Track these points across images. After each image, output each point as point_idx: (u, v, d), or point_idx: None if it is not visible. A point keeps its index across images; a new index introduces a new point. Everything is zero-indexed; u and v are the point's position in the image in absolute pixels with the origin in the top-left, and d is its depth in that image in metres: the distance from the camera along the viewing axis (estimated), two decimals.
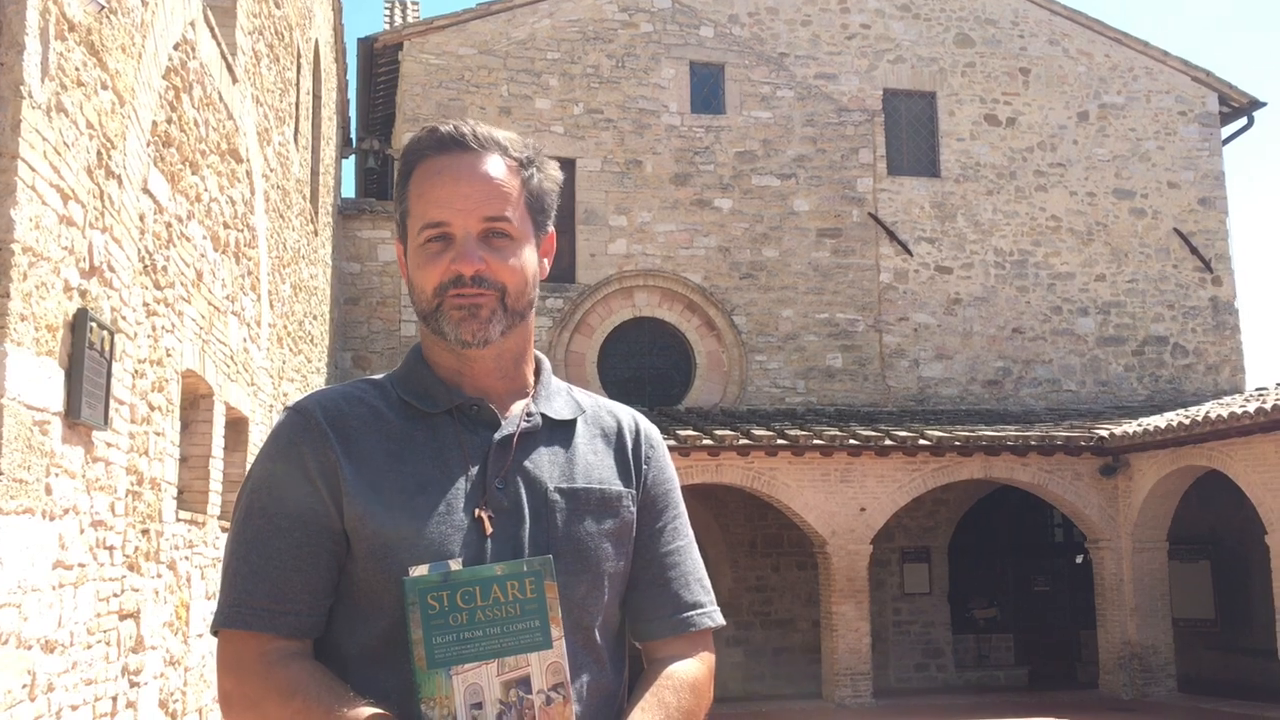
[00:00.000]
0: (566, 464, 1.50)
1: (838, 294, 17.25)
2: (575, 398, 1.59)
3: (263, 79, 8.53)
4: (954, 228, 17.84)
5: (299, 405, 1.48)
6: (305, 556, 1.39)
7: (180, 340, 6.02)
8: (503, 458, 1.45)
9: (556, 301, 16.23)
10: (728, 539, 16.32)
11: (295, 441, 1.43)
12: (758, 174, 17.17)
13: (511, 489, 1.44)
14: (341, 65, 15.50)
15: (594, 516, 1.47)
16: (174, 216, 5.89)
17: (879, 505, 14.20)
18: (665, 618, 1.55)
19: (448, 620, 1.29)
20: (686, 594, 1.58)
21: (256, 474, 1.46)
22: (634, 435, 1.59)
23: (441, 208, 1.44)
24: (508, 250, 1.45)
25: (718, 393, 16.70)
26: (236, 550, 1.42)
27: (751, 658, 16.19)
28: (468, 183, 1.45)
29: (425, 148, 1.47)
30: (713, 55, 17.30)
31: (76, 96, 4.32)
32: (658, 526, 1.57)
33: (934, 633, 16.85)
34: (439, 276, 1.43)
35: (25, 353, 3.81)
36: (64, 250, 4.20)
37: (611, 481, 1.52)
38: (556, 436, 1.51)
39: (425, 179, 1.46)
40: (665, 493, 1.60)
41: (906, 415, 16.32)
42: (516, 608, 1.31)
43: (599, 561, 1.45)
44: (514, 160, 1.49)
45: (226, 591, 1.41)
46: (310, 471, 1.41)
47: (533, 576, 1.32)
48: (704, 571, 1.64)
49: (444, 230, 1.44)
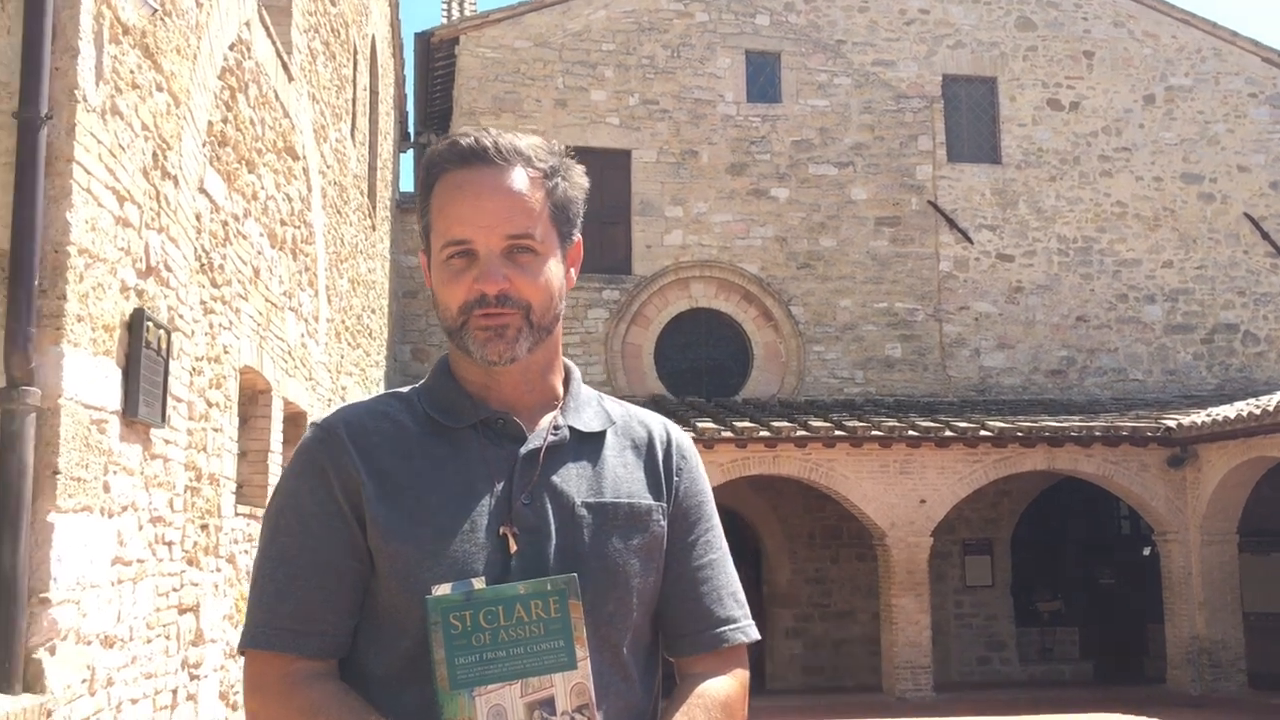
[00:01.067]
0: (595, 478, 1.47)
1: (896, 283, 17.06)
2: (605, 408, 1.56)
3: (319, 76, 8.61)
4: (1016, 215, 17.55)
5: (323, 422, 1.47)
6: (330, 576, 1.38)
7: (238, 337, 6.09)
8: (529, 473, 1.43)
9: (613, 293, 16.23)
10: (786, 530, 16.24)
11: (318, 459, 1.42)
12: (815, 163, 17.02)
13: (538, 504, 1.42)
14: (399, 60, 15.61)
15: (622, 531, 1.44)
16: (230, 215, 5.96)
17: (939, 497, 14.04)
18: (697, 634, 1.52)
19: (470, 640, 1.28)
20: (719, 609, 1.54)
21: (281, 492, 1.45)
22: (665, 446, 1.55)
23: (464, 225, 1.41)
24: (532, 266, 1.42)
25: (775, 384, 16.60)
26: (262, 569, 1.42)
27: (810, 649, 16.11)
28: (490, 199, 1.41)
29: (447, 161, 1.44)
30: (769, 44, 17.17)
31: (132, 99, 4.38)
32: (689, 540, 1.53)
33: (996, 626, 16.64)
34: (463, 295, 1.41)
35: (82, 353, 3.87)
36: (120, 251, 4.26)
37: (641, 495, 1.49)
38: (585, 449, 1.49)
39: (447, 194, 1.43)
40: (698, 505, 1.56)
41: (967, 406, 16.11)
42: (540, 627, 1.29)
43: (628, 578, 1.43)
44: (538, 171, 1.46)
45: (252, 611, 1.41)
46: (334, 489, 1.40)
47: (556, 596, 1.30)
48: (738, 585, 1.60)
49: (467, 248, 1.41)
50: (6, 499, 3.52)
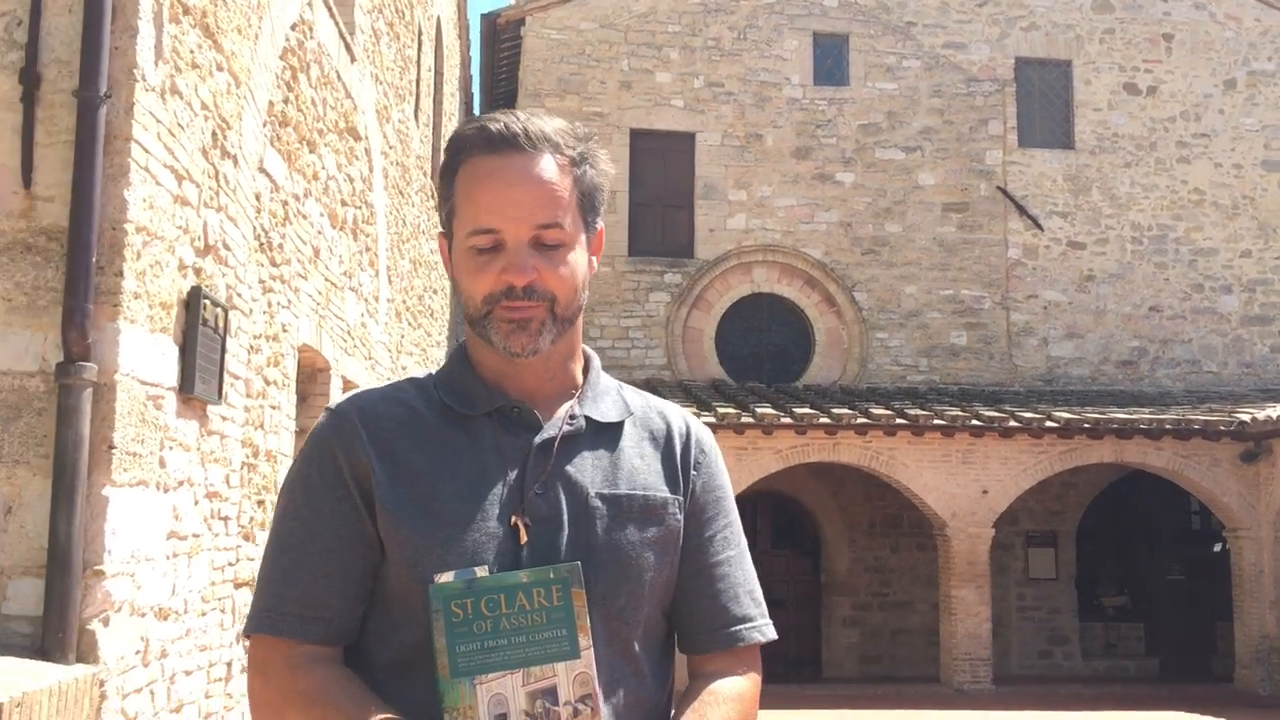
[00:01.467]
0: (610, 469, 1.44)
1: (963, 270, 16.80)
2: (625, 397, 1.53)
3: (382, 57, 8.65)
4: (1088, 201, 17.19)
5: (336, 407, 1.46)
6: (336, 562, 1.37)
7: (296, 316, 6.15)
8: (543, 462, 1.40)
9: (674, 277, 16.18)
10: (845, 518, 16.11)
11: (329, 444, 1.41)
12: (881, 147, 16.80)
13: (551, 494, 1.39)
14: (465, 41, 15.66)
15: (637, 524, 1.41)
16: (291, 195, 6.01)
17: (1002, 488, 13.83)
18: (712, 631, 1.49)
19: (471, 629, 1.26)
20: (735, 607, 1.51)
21: (292, 476, 1.44)
22: (684, 439, 1.52)
23: (492, 213, 1.37)
24: (558, 257, 1.39)
25: (837, 370, 16.45)
26: (270, 552, 1.41)
27: (868, 639, 15.99)
28: (520, 188, 1.38)
29: (475, 146, 1.40)
30: (837, 25, 16.96)
31: (191, 78, 4.42)
32: (707, 535, 1.50)
33: (1059, 619, 16.38)
34: (489, 286, 1.38)
35: (139, 330, 3.92)
36: (178, 229, 4.31)
37: (657, 487, 1.46)
38: (601, 440, 1.46)
39: (474, 180, 1.39)
40: (716, 500, 1.53)
41: (1034, 396, 15.83)
42: (543, 616, 1.26)
43: (641, 571, 1.40)
44: (565, 158, 1.42)
45: (259, 595, 1.40)
46: (343, 475, 1.39)
47: (559, 584, 1.27)
48: (756, 583, 1.56)
49: (494, 236, 1.38)
50: (63, 472, 3.58)
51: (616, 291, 16.07)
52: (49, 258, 3.72)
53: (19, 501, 3.64)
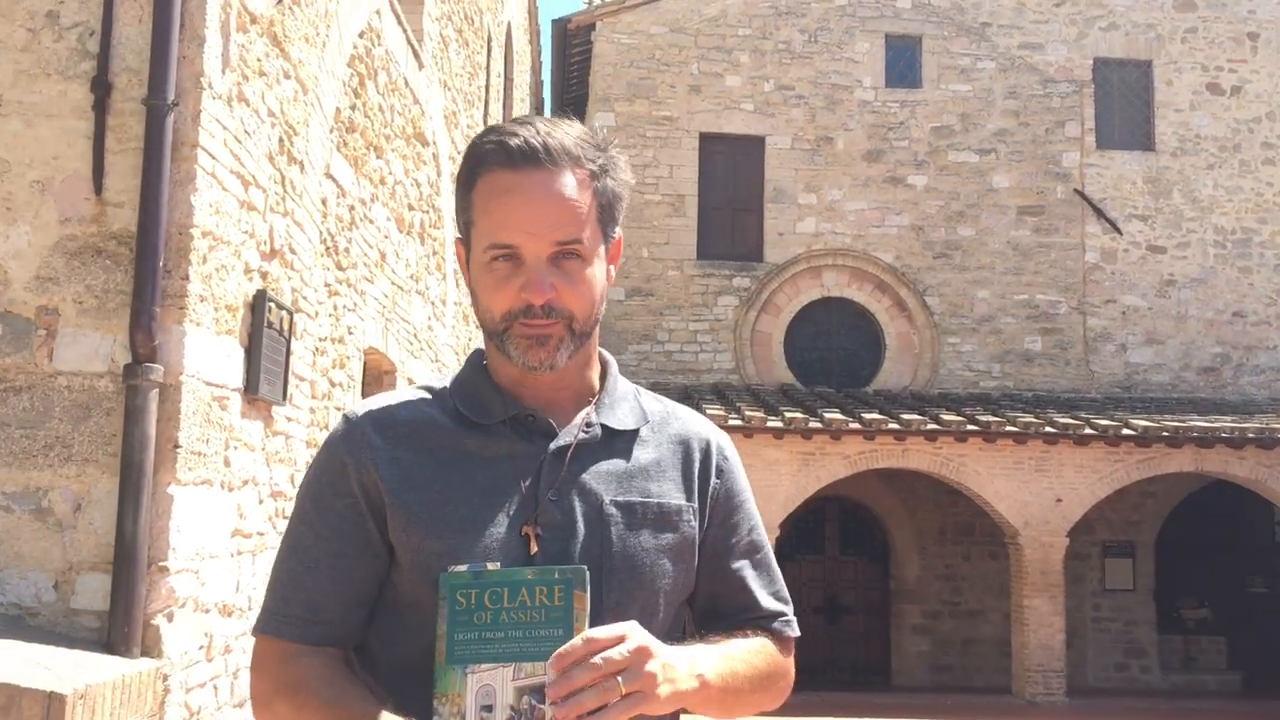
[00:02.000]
0: (625, 476, 1.44)
1: (1038, 274, 16.51)
2: (642, 404, 1.52)
3: (450, 64, 8.75)
4: (1169, 204, 16.80)
5: (349, 414, 1.48)
6: (341, 568, 1.39)
7: (362, 319, 6.24)
8: (557, 469, 1.41)
9: (743, 280, 16.13)
10: (915, 525, 15.92)
11: (339, 452, 1.43)
12: (955, 149, 16.59)
13: (565, 502, 1.39)
14: (535, 47, 15.78)
15: (651, 531, 1.42)
16: (357, 199, 6.11)
17: (1077, 496, 13.56)
18: (741, 624, 1.51)
19: (472, 618, 1.27)
20: (762, 605, 1.53)
21: (305, 481, 1.47)
22: (704, 448, 1.52)
23: (511, 230, 1.37)
24: (577, 273, 1.39)
25: (908, 375, 16.27)
26: (280, 556, 1.44)
27: (939, 648, 15.78)
28: (540, 206, 1.36)
29: (493, 160, 1.39)
30: (909, 27, 16.78)
31: (258, 86, 4.51)
32: (732, 540, 1.51)
33: (1137, 632, 16.01)
34: (508, 303, 1.38)
35: (204, 332, 4.01)
36: (244, 234, 4.40)
37: (671, 495, 1.46)
38: (617, 447, 1.46)
39: (493, 195, 1.38)
40: (740, 504, 1.53)
41: (1111, 403, 15.51)
42: (542, 614, 1.27)
43: (655, 578, 1.40)
44: (585, 172, 1.40)
45: (267, 596, 1.44)
46: (351, 483, 1.40)
47: (563, 584, 1.28)
48: (782, 583, 1.57)
49: (513, 252, 1.38)
50: (129, 471, 3.68)
51: (685, 295, 16.07)
52: (119, 261, 3.82)
53: (88, 499, 3.75)
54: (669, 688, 1.27)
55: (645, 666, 1.23)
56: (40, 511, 3.72)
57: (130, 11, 3.89)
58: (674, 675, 1.28)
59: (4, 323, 3.77)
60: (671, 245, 16.11)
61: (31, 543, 3.71)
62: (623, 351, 15.86)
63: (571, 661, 1.21)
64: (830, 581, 16.07)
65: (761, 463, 12.93)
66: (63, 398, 3.76)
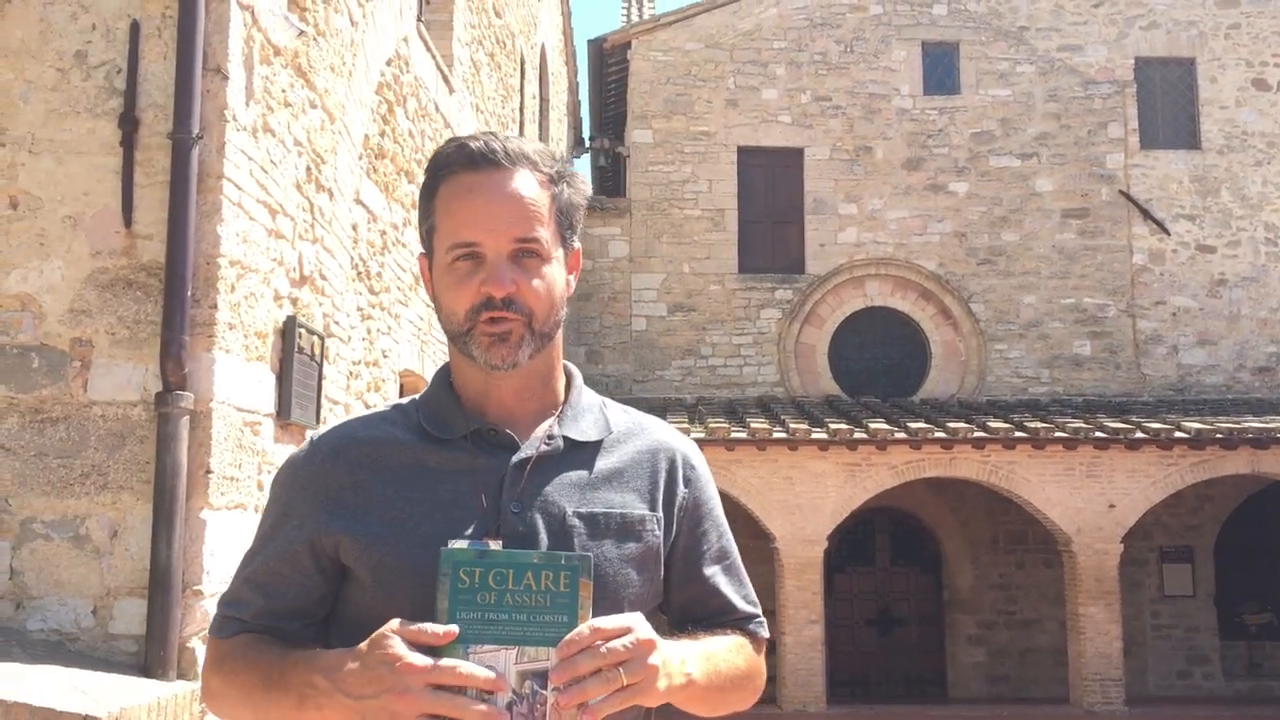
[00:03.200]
0: (588, 487, 1.46)
1: (1085, 278, 16.31)
2: (607, 416, 1.54)
3: (483, 87, 8.85)
4: (1217, 203, 16.54)
5: (314, 439, 1.52)
6: (276, 584, 1.44)
7: (397, 342, 6.32)
8: (518, 482, 1.43)
9: (785, 293, 16.09)
10: (967, 534, 15.75)
11: (299, 475, 1.47)
12: (995, 155, 16.46)
13: (527, 514, 1.41)
14: (571, 67, 15.90)
15: (615, 541, 1.43)
16: (389, 224, 6.19)
17: (1130, 502, 13.34)
18: (713, 626, 1.53)
19: (475, 598, 1.28)
20: (734, 608, 1.56)
21: (267, 503, 1.52)
22: (670, 458, 1.54)
23: (472, 228, 1.41)
24: (536, 271, 1.42)
25: (955, 383, 16.13)
26: (238, 572, 1.49)
27: (994, 658, 15.57)
28: (499, 202, 1.41)
29: (454, 164, 1.44)
30: (946, 34, 16.70)
31: (284, 116, 4.60)
32: (703, 548, 1.53)
33: (1198, 638, 15.70)
34: (470, 299, 1.41)
35: (233, 359, 4.09)
36: (273, 261, 4.48)
37: (634, 505, 1.47)
38: (579, 459, 1.48)
39: (455, 197, 1.43)
40: (708, 512, 1.55)
41: (1164, 406, 15.26)
42: (547, 599, 1.28)
43: (619, 588, 1.41)
44: (544, 175, 1.46)
45: (221, 604, 1.49)
46: (302, 506, 1.45)
47: (569, 571, 1.29)
48: (750, 589, 1.59)
49: (474, 250, 1.41)
50: (163, 497, 3.76)
51: (727, 309, 16.06)
52: (149, 293, 3.92)
53: (124, 525, 3.83)
54: (665, 682, 1.30)
55: (648, 659, 1.26)
56: (78, 539, 3.81)
57: (155, 49, 4.00)
58: (670, 670, 1.31)
59: (40, 355, 3.88)
60: (712, 260, 16.12)
61: (70, 569, 3.80)
62: (666, 367, 15.88)
63: (578, 649, 1.23)
64: (882, 593, 15.94)
65: (807, 475, 12.89)
66: (97, 427, 3.85)
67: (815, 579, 12.95)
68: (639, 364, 15.89)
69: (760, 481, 12.88)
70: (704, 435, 12.28)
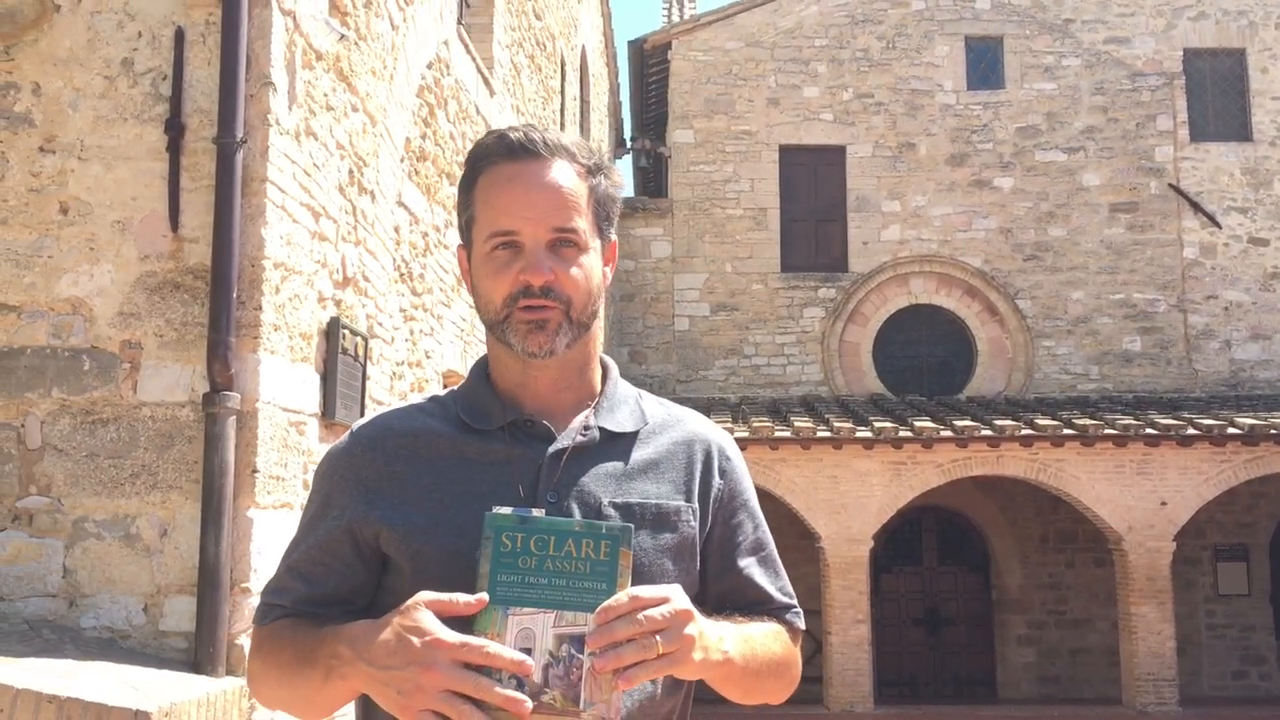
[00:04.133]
0: (624, 477, 1.47)
1: (1134, 272, 16.10)
2: (643, 407, 1.56)
3: (523, 89, 8.89)
4: (1270, 195, 16.27)
5: (354, 430, 1.54)
6: (318, 574, 1.46)
7: (440, 343, 6.37)
8: (554, 472, 1.45)
9: (829, 291, 16.02)
10: (1015, 533, 15.59)
11: (339, 467, 1.50)
12: (1041, 149, 16.29)
13: (564, 504, 1.43)
14: (612, 69, 15.93)
15: (650, 531, 1.44)
16: (431, 226, 6.24)
17: (1182, 499, 13.15)
18: (756, 614, 1.54)
19: (516, 562, 1.29)
20: (770, 600, 1.56)
21: (309, 494, 1.54)
22: (705, 450, 1.55)
23: (511, 216, 1.43)
24: (574, 261, 1.44)
25: (1001, 381, 15.98)
26: (281, 561, 1.52)
27: (1045, 658, 15.41)
28: (538, 191, 1.43)
29: (493, 154, 1.46)
30: (990, 28, 16.55)
31: (326, 120, 4.65)
32: (738, 540, 1.54)
33: (1254, 638, 15.44)
34: (508, 287, 1.43)
35: (279, 360, 4.14)
36: (317, 263, 4.54)
37: (670, 496, 1.48)
38: (616, 450, 1.49)
39: (493, 186, 1.45)
40: (743, 504, 1.56)
41: (1216, 402, 15.03)
42: (586, 566, 1.29)
43: (655, 578, 1.42)
44: (581, 167, 1.47)
45: (264, 593, 1.51)
46: (343, 497, 1.47)
47: (609, 540, 1.30)
48: (786, 580, 1.59)
49: (513, 239, 1.43)
50: (210, 496, 3.82)
51: (770, 308, 16.02)
52: (196, 295, 3.98)
53: (173, 524, 3.89)
54: (701, 654, 1.30)
55: (684, 630, 1.27)
56: (129, 538, 3.88)
57: (200, 55, 4.06)
58: (707, 644, 1.32)
59: (91, 358, 3.95)
60: (755, 259, 16.09)
61: (121, 568, 3.86)
62: (709, 367, 15.87)
63: (616, 615, 1.24)
64: (929, 593, 15.82)
65: (852, 474, 12.82)
66: (147, 427, 3.92)
67: (861, 578, 12.88)
68: (682, 364, 15.89)
69: (805, 480, 12.84)
70: (748, 434, 12.26)
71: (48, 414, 3.92)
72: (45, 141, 4.03)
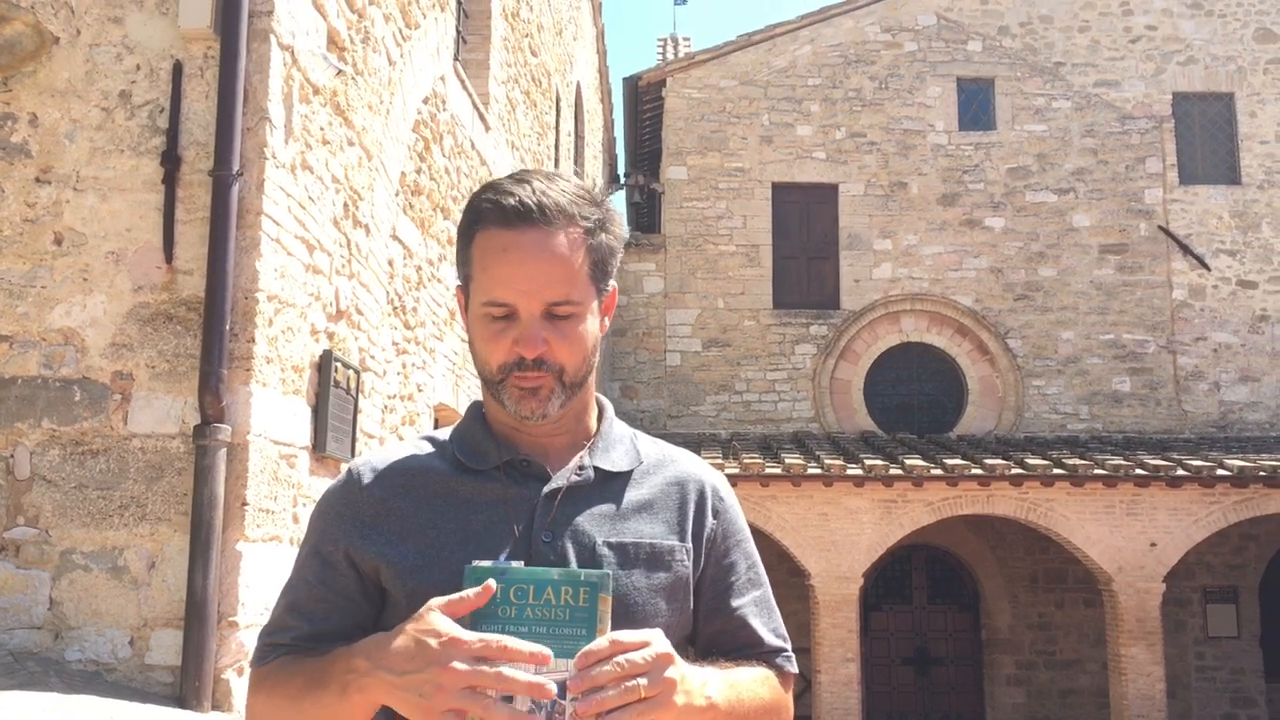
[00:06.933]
0: (618, 517, 1.47)
1: (1124, 313, 16.18)
2: (638, 447, 1.56)
3: (518, 124, 8.94)
4: (1258, 238, 16.38)
5: (350, 468, 1.54)
6: (320, 610, 1.45)
7: (431, 376, 6.37)
8: (549, 511, 1.45)
9: (820, 328, 16.06)
10: (1005, 573, 15.56)
11: (336, 503, 1.50)
12: (1032, 190, 16.40)
13: (558, 543, 1.43)
14: (607, 105, 16.02)
15: (644, 570, 1.44)
16: (425, 260, 6.25)
17: (1171, 540, 13.14)
18: (745, 658, 1.53)
19: (496, 611, 1.30)
20: (763, 641, 1.55)
21: (306, 530, 1.54)
22: (699, 490, 1.55)
23: (506, 288, 1.41)
24: (569, 329, 1.44)
25: (992, 420, 16.00)
26: (279, 601, 1.51)
27: (1035, 699, 15.34)
28: (534, 264, 1.41)
29: (491, 218, 1.43)
30: (981, 70, 16.71)
31: (322, 154, 4.67)
32: (731, 579, 1.54)
33: (1244, 680, 15.39)
34: (503, 356, 1.43)
35: (270, 393, 4.14)
36: (310, 296, 4.54)
37: (663, 535, 1.48)
38: (610, 489, 1.49)
39: (490, 253, 1.43)
40: (737, 543, 1.56)
41: (1205, 443, 15.06)
42: (566, 613, 1.30)
43: (649, 617, 1.42)
44: (580, 230, 1.44)
45: (261, 633, 1.50)
46: (341, 533, 1.47)
47: (588, 587, 1.31)
48: (780, 622, 1.58)
49: (508, 310, 1.43)
50: (199, 528, 3.80)
51: (762, 345, 16.05)
52: (188, 327, 3.98)
53: (161, 556, 3.87)
54: (684, 699, 1.29)
55: (665, 673, 1.27)
56: (116, 570, 3.86)
57: (197, 88, 4.08)
58: (689, 688, 1.31)
59: (82, 388, 3.94)
60: (747, 295, 16.13)
61: (108, 600, 3.84)
62: (701, 403, 15.87)
63: (596, 659, 1.24)
64: (919, 631, 15.75)
65: (842, 511, 12.80)
66: (136, 459, 3.90)
67: (851, 616, 12.82)
68: (673, 399, 15.89)
69: (795, 518, 12.81)
70: (738, 470, 12.24)
71: (37, 444, 3.90)
72: (41, 172, 4.04)
